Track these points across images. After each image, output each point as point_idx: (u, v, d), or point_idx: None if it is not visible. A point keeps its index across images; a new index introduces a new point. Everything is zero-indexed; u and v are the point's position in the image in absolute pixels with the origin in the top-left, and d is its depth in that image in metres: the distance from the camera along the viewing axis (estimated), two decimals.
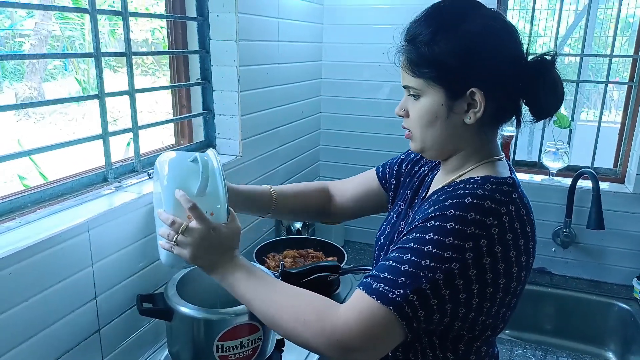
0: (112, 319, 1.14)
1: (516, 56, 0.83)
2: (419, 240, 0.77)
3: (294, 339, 0.82)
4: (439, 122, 0.84)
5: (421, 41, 0.82)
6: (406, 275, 0.75)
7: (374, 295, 0.76)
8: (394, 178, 1.13)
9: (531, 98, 0.84)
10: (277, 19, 1.75)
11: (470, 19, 0.81)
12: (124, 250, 1.15)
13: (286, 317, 0.82)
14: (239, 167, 1.61)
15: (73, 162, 1.58)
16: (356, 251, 2.16)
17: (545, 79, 0.82)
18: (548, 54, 0.83)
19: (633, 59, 1.93)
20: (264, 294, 0.86)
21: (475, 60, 0.80)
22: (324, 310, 0.79)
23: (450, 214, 0.77)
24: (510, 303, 0.84)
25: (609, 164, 2.04)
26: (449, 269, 0.74)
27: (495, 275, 0.78)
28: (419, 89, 0.84)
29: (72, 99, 1.25)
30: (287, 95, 1.89)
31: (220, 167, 0.95)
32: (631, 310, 1.82)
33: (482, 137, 0.87)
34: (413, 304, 0.74)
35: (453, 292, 0.75)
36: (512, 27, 0.84)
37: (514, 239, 0.79)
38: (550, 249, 2.00)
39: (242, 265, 0.91)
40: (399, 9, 2.02)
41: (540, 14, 5.08)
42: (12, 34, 6.87)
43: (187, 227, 0.89)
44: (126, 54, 1.23)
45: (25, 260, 0.91)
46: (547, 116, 0.86)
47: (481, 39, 0.80)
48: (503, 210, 0.78)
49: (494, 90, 0.81)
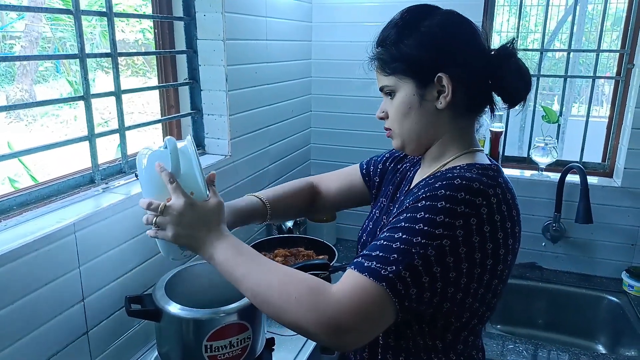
0: (100, 320, 1.14)
1: (478, 45, 0.89)
2: (410, 220, 0.79)
3: (283, 319, 0.79)
4: (414, 112, 0.90)
5: (389, 43, 0.90)
6: (398, 252, 0.76)
7: (366, 273, 0.75)
8: (377, 176, 1.15)
9: (499, 85, 0.89)
10: (265, 18, 1.75)
11: (430, 16, 0.89)
12: (112, 251, 1.15)
13: (277, 295, 0.79)
14: (229, 166, 1.61)
15: (64, 164, 1.58)
16: (348, 249, 2.17)
17: (508, 65, 0.88)
18: (508, 43, 0.89)
19: (620, 53, 1.95)
20: (254, 271, 0.83)
21: (439, 47, 0.87)
22: (316, 288, 0.77)
23: (440, 194, 0.79)
24: (496, 288, 0.86)
25: (598, 159, 2.06)
26: (440, 245, 0.76)
27: (484, 255, 0.79)
28: (392, 85, 0.91)
29: (58, 100, 1.25)
30: (276, 94, 1.89)
31: (193, 147, 0.94)
32: (620, 303, 1.83)
33: (458, 126, 0.91)
34: (405, 281, 0.75)
35: (444, 270, 0.77)
36: (468, 21, 0.91)
37: (501, 221, 0.81)
38: (540, 243, 2.01)
39: (230, 241, 0.88)
40: (388, 6, 2.01)
41: (531, 10, 5.10)
42: (2, 36, 6.82)
43: (165, 206, 0.88)
44: (112, 55, 1.23)
45: (12, 263, 0.91)
46: (519, 101, 0.90)
47: (441, 29, 0.88)
48: (491, 192, 0.81)
49: (461, 74, 0.86)
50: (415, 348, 0.90)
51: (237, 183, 1.67)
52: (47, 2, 6.05)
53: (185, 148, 0.94)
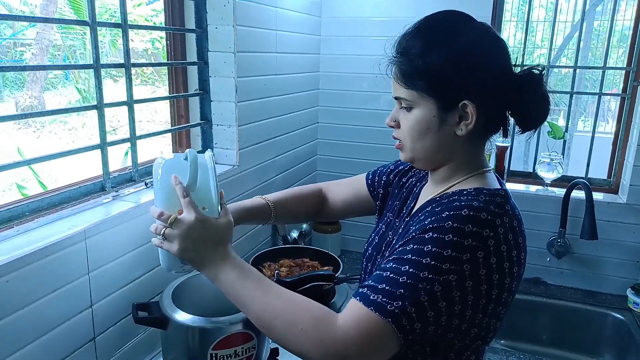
0: (107, 327, 1.15)
1: (506, 69, 0.85)
2: (416, 252, 0.77)
3: (287, 346, 0.80)
4: (431, 134, 0.86)
5: (414, 53, 0.83)
6: (404, 287, 0.75)
7: (372, 307, 0.76)
8: (382, 188, 1.14)
9: (519, 110, 0.86)
10: (274, 31, 1.77)
11: (461, 33, 0.83)
12: (121, 259, 1.16)
13: (282, 323, 0.80)
14: (236, 176, 1.62)
15: (72, 171, 1.60)
16: (352, 261, 2.17)
17: (533, 93, 0.84)
18: (537, 68, 0.85)
19: (626, 71, 1.96)
20: (259, 296, 0.82)
21: (468, 73, 0.82)
22: (322, 319, 0.78)
23: (448, 226, 0.77)
24: (500, 314, 0.85)
25: (605, 174, 2.06)
26: (447, 280, 0.75)
27: (490, 286, 0.79)
28: (411, 100, 0.85)
29: (72, 109, 1.27)
30: (284, 105, 1.91)
31: (212, 162, 0.94)
32: (625, 320, 1.82)
33: (471, 148, 0.89)
34: (410, 316, 0.75)
35: (449, 304, 0.76)
36: (501, 41, 0.86)
37: (507, 250, 0.80)
38: (545, 258, 2.01)
39: (236, 263, 0.87)
40: (396, 21, 2.04)
41: (537, 25, 5.13)
42: (13, 43, 6.91)
43: (176, 219, 0.87)
44: (125, 66, 1.25)
45: (23, 268, 0.92)
46: (533, 128, 0.87)
47: (473, 52, 0.82)
48: (498, 222, 0.79)
49: (485, 103, 0.83)
50: None
51: (244, 193, 1.68)
52: (58, 11, 6.15)
53: (204, 162, 0.94)
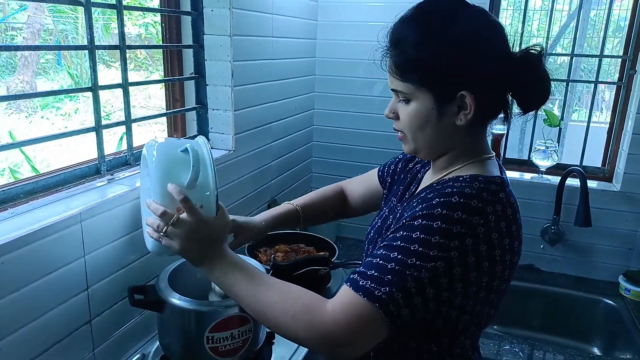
0: (103, 310, 1.14)
1: (503, 54, 0.83)
2: (405, 239, 0.78)
3: (283, 333, 0.83)
4: (430, 125, 0.85)
5: (408, 45, 0.82)
6: (392, 273, 0.76)
7: (361, 292, 0.77)
8: (389, 177, 1.16)
9: (519, 92, 0.85)
10: (271, 15, 1.76)
11: (456, 21, 0.81)
12: (117, 242, 1.15)
13: (275, 312, 0.83)
14: (232, 161, 1.62)
15: (65, 157, 1.59)
16: (348, 247, 2.18)
17: (533, 73, 0.83)
18: (534, 48, 0.83)
19: (622, 59, 1.96)
20: (253, 288, 0.86)
21: (464, 63, 0.80)
22: (312, 305, 0.80)
23: (437, 213, 0.78)
24: (493, 301, 0.86)
25: (598, 164, 2.07)
26: (434, 267, 0.76)
27: (479, 274, 0.79)
28: (408, 93, 0.84)
29: (66, 90, 1.26)
30: (280, 91, 1.90)
31: (211, 157, 0.94)
32: (617, 306, 1.85)
33: (472, 136, 0.89)
34: (397, 302, 0.76)
35: (437, 291, 0.77)
36: (498, 25, 0.84)
37: (499, 238, 0.80)
38: (538, 245, 2.03)
39: (230, 258, 0.91)
40: (393, 6, 2.01)
41: (534, 14, 5.11)
42: (4, 27, 6.81)
43: (178, 219, 0.88)
44: (120, 47, 1.24)
45: (18, 250, 0.91)
46: (535, 109, 0.86)
47: (469, 42, 0.80)
48: (489, 210, 0.79)
49: (484, 92, 0.82)
50: (408, 351, 0.90)
51: (240, 178, 1.68)
52: None
53: (204, 155, 0.94)
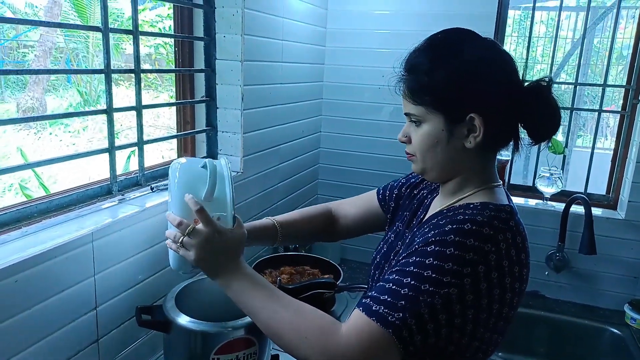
0: (111, 329, 1.15)
1: (512, 82, 0.87)
2: (418, 265, 0.79)
3: (293, 353, 0.84)
4: (440, 147, 0.88)
5: (421, 71, 0.86)
6: (405, 299, 0.77)
7: (374, 318, 0.78)
8: (393, 201, 1.16)
9: (529, 122, 0.88)
10: (281, 41, 1.80)
11: (466, 49, 0.86)
12: (126, 262, 1.17)
13: (288, 332, 0.83)
14: (240, 183, 1.64)
15: (71, 175, 1.61)
16: (352, 270, 2.18)
17: (542, 104, 0.86)
18: (543, 80, 0.87)
19: (625, 89, 1.99)
20: (269, 306, 0.87)
21: (473, 87, 0.84)
22: (326, 328, 0.81)
23: (450, 240, 0.79)
24: (501, 328, 0.87)
25: (603, 190, 2.08)
26: (448, 293, 0.77)
27: (490, 301, 0.80)
28: (420, 115, 0.88)
29: (82, 113, 1.29)
30: (288, 114, 1.93)
31: (229, 173, 0.97)
32: (622, 335, 1.83)
33: (482, 161, 0.91)
34: (410, 328, 0.77)
35: (449, 317, 0.78)
36: (507, 55, 0.88)
37: (509, 266, 0.81)
38: (543, 272, 2.02)
39: (246, 273, 0.92)
40: (398, 34, 2.08)
41: (538, 41, 5.18)
42: (16, 45, 6.94)
43: (194, 229, 0.90)
44: (135, 71, 1.27)
45: (30, 269, 0.93)
46: (545, 139, 0.89)
47: (477, 67, 0.85)
48: (500, 237, 0.81)
49: (493, 116, 0.85)
50: None
51: (247, 199, 1.70)
52: (62, 13, 6.18)
53: (222, 171, 0.96)
